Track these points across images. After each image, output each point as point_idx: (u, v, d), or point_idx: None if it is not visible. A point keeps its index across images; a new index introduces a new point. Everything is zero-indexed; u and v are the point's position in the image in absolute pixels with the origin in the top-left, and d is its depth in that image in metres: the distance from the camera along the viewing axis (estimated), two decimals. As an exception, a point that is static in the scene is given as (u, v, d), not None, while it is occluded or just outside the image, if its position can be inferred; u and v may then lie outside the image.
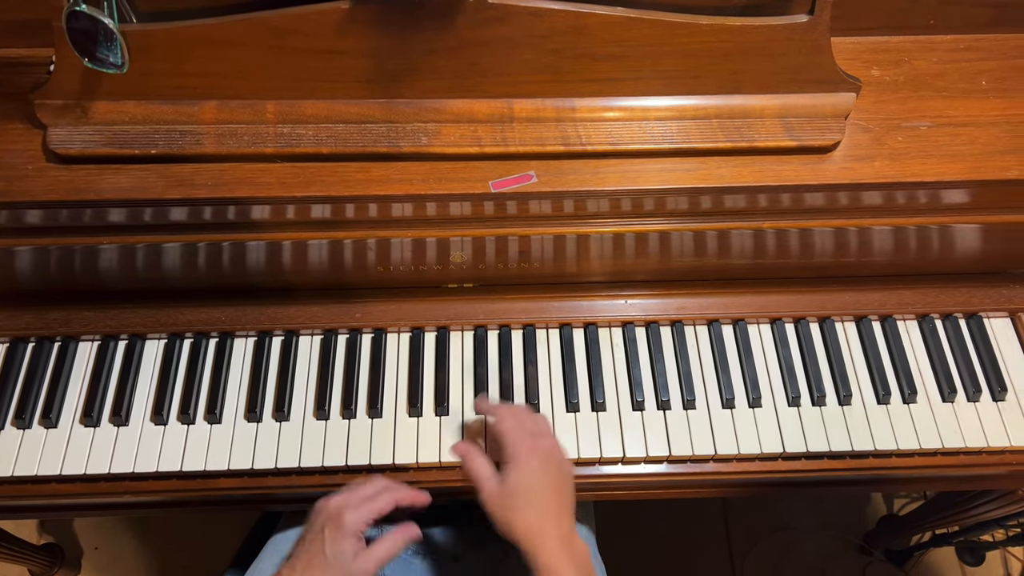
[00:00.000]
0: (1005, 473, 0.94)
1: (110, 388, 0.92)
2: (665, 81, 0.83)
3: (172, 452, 0.88)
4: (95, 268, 0.89)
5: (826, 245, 0.91)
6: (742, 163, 0.83)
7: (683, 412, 0.92)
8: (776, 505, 1.71)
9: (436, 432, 0.90)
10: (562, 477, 0.77)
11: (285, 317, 0.95)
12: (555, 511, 0.74)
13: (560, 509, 0.75)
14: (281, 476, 0.89)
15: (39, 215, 0.82)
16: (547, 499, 0.74)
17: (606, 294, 0.97)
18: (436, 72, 0.80)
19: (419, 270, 0.92)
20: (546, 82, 0.82)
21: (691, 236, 0.89)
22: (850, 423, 0.91)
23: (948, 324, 0.98)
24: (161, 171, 0.81)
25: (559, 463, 0.78)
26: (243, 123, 0.82)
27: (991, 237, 0.91)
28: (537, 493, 0.74)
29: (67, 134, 0.81)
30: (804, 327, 0.97)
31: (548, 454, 0.77)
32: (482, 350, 0.95)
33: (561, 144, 0.82)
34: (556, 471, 0.76)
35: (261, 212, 0.83)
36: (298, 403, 0.92)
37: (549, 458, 0.77)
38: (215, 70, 0.80)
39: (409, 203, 0.83)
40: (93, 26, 0.73)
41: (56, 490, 0.88)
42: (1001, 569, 1.65)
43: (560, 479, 0.76)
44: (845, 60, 0.87)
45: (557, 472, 0.76)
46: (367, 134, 0.82)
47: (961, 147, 0.84)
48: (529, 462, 0.75)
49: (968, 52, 0.91)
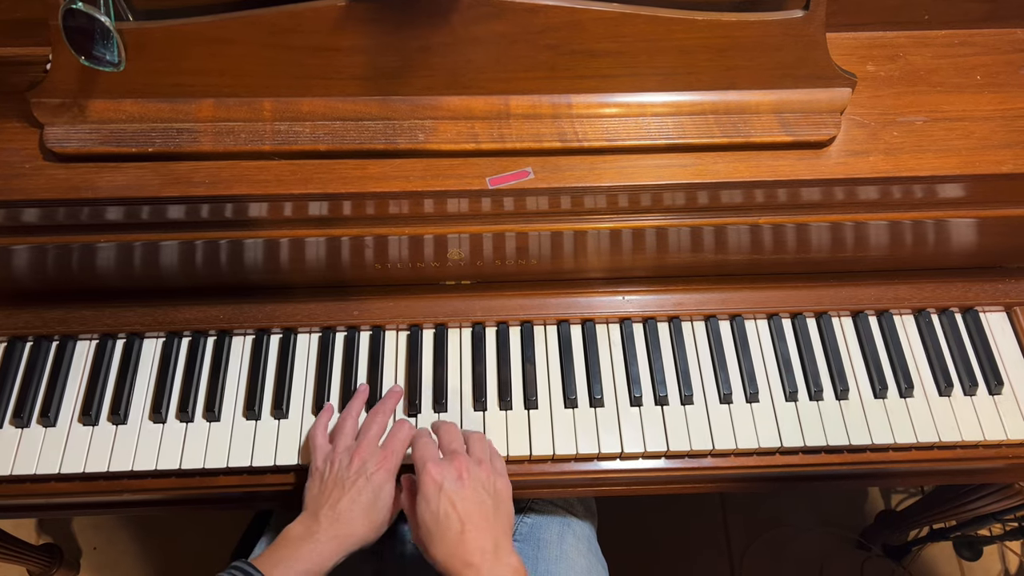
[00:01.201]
0: (1002, 467, 0.94)
1: (108, 386, 0.92)
2: (661, 77, 0.83)
3: (171, 450, 0.88)
4: (93, 267, 0.89)
5: (822, 240, 0.91)
6: (738, 158, 0.83)
7: (681, 407, 0.92)
8: (774, 501, 1.71)
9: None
10: (478, 497, 0.74)
11: (283, 315, 0.95)
12: (474, 536, 0.71)
13: (480, 532, 0.72)
14: (280, 473, 0.89)
15: (36, 214, 0.82)
16: (463, 525, 0.72)
17: (604, 290, 0.97)
18: (432, 69, 0.81)
19: (417, 267, 0.92)
20: (542, 78, 0.82)
21: (688, 232, 0.89)
22: (847, 417, 0.91)
23: (944, 319, 0.98)
24: (158, 169, 0.81)
25: (477, 483, 0.75)
26: (240, 121, 0.82)
27: (987, 231, 0.91)
28: (448, 523, 0.72)
29: (64, 132, 0.81)
30: (801, 322, 0.97)
31: (457, 477, 0.74)
32: (480, 347, 0.95)
33: (558, 140, 0.83)
34: (471, 491, 0.74)
35: (259, 209, 0.83)
36: (297, 400, 0.92)
37: (460, 481, 0.74)
38: (212, 68, 0.80)
39: (406, 200, 0.83)
40: (90, 24, 0.73)
41: (55, 489, 0.88)
42: (999, 563, 1.65)
43: (476, 499, 0.73)
44: (840, 55, 0.87)
45: (473, 493, 0.74)
46: (364, 131, 0.82)
47: (956, 142, 0.84)
48: (430, 493, 0.73)
49: (963, 47, 0.92)
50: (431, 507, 0.73)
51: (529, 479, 0.90)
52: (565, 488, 0.94)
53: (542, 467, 0.90)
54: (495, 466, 0.80)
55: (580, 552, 0.95)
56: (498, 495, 0.77)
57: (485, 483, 0.76)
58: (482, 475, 0.76)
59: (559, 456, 0.89)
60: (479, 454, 0.79)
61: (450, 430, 0.82)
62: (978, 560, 1.63)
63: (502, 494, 0.77)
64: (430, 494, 0.74)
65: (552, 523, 0.97)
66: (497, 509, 0.75)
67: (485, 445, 0.82)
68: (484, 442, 0.82)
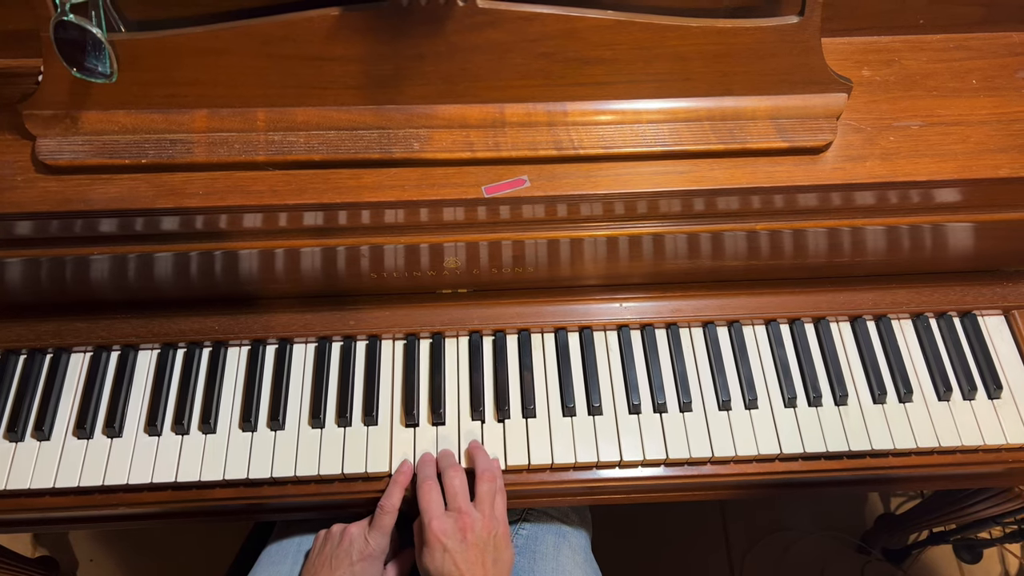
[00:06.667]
0: (1001, 471, 0.94)
1: (103, 399, 0.91)
2: (656, 84, 0.83)
3: (167, 463, 0.88)
4: (86, 279, 0.88)
5: (820, 246, 0.91)
6: (734, 165, 0.83)
7: (680, 415, 0.91)
8: (774, 506, 1.71)
9: (432, 441, 0.90)
10: (480, 557, 0.78)
11: (279, 325, 0.94)
12: None
13: None
14: (277, 486, 0.88)
15: (29, 226, 0.81)
16: None
17: (601, 297, 0.97)
18: (427, 78, 0.80)
19: (413, 276, 0.92)
20: (537, 86, 0.82)
21: (685, 239, 0.89)
22: (847, 423, 0.91)
23: (943, 323, 0.98)
24: (152, 180, 0.81)
25: (480, 540, 0.79)
26: (234, 131, 0.82)
27: (984, 235, 0.91)
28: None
29: (56, 145, 0.80)
30: (799, 328, 0.97)
31: (462, 539, 0.79)
32: (477, 356, 0.94)
33: (553, 148, 0.82)
34: (475, 552, 0.78)
35: (253, 220, 0.82)
36: (293, 412, 0.91)
37: (464, 543, 0.78)
38: (205, 78, 0.79)
39: (402, 209, 0.82)
40: (81, 36, 0.72)
41: (50, 503, 0.88)
42: (998, 566, 1.65)
43: (479, 559, 0.78)
44: (836, 61, 0.87)
45: (476, 553, 0.78)
46: (359, 140, 0.82)
47: (953, 146, 0.84)
48: (435, 551, 0.78)
49: (958, 51, 0.92)
50: (435, 563, 0.78)
51: (528, 488, 0.90)
52: (564, 497, 0.94)
53: (541, 476, 0.90)
54: (496, 513, 0.83)
55: (576, 563, 0.95)
56: (498, 548, 0.81)
57: (487, 540, 0.80)
58: (484, 533, 0.80)
59: (558, 465, 0.89)
60: (485, 504, 0.82)
61: (456, 480, 0.84)
62: (978, 563, 1.63)
63: (501, 545, 0.81)
64: (435, 552, 0.78)
65: (548, 534, 0.96)
66: (497, 562, 0.80)
67: (492, 487, 0.84)
68: (492, 483, 0.84)
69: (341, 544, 0.84)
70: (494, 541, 0.81)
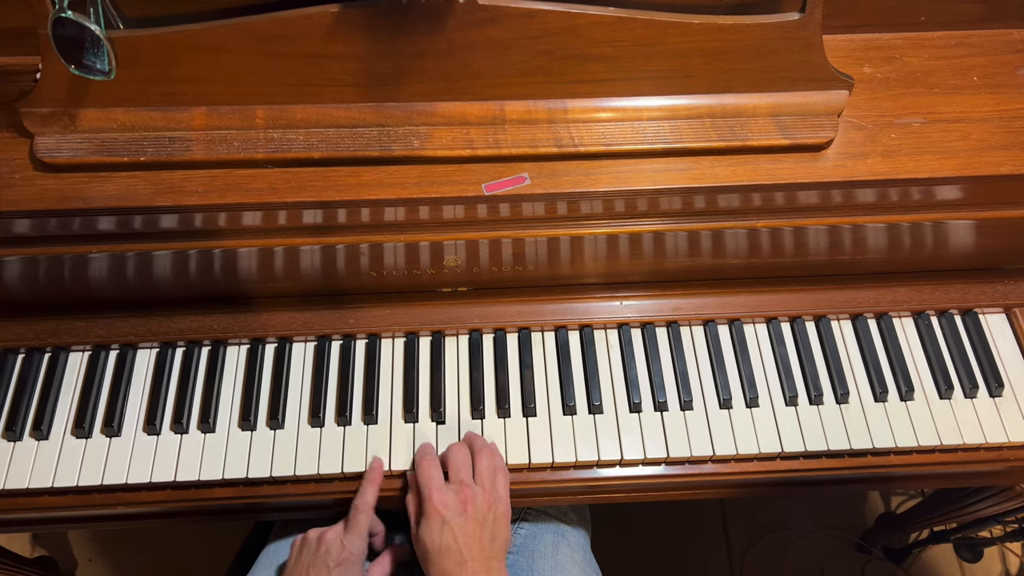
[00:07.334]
0: (1003, 469, 0.94)
1: (102, 398, 0.91)
2: (657, 81, 0.82)
3: (166, 462, 0.87)
4: (85, 277, 0.88)
5: (821, 243, 0.91)
6: (735, 162, 0.83)
7: (680, 413, 0.91)
8: (774, 505, 1.70)
9: (433, 439, 0.89)
10: (479, 531, 0.78)
11: (278, 324, 0.94)
12: (472, 568, 0.75)
13: (477, 564, 0.76)
14: (276, 485, 0.88)
15: (27, 225, 0.81)
16: (462, 556, 0.76)
17: (601, 296, 0.97)
18: (426, 75, 0.80)
19: (413, 274, 0.91)
20: (538, 83, 0.82)
21: (685, 236, 0.88)
22: (848, 422, 0.91)
23: (944, 321, 0.98)
24: (150, 178, 0.80)
25: (480, 514, 0.79)
26: (233, 129, 0.81)
27: (985, 233, 0.91)
28: (449, 549, 0.76)
29: (55, 142, 0.80)
30: (800, 326, 0.96)
31: (462, 512, 0.78)
32: (477, 354, 0.94)
33: (554, 145, 0.82)
34: (473, 526, 0.78)
35: (252, 218, 0.82)
36: (292, 410, 0.91)
37: (464, 516, 0.78)
38: (203, 76, 0.79)
39: (401, 207, 0.82)
40: (79, 33, 0.72)
41: (48, 503, 0.87)
42: (999, 565, 1.65)
43: (477, 534, 0.77)
44: (837, 58, 0.86)
45: (475, 527, 0.78)
46: (358, 138, 0.82)
47: (954, 143, 0.84)
48: (433, 523, 0.77)
49: (959, 48, 0.91)
50: (433, 536, 0.77)
51: (528, 487, 0.89)
52: (564, 496, 0.93)
53: (541, 475, 0.89)
54: (497, 489, 0.82)
55: (575, 562, 0.94)
56: (497, 523, 0.80)
57: (487, 514, 0.79)
58: (484, 507, 0.79)
59: (558, 464, 0.89)
60: (485, 479, 0.81)
61: (459, 455, 0.83)
62: (979, 562, 1.62)
63: (501, 521, 0.81)
64: (433, 524, 0.78)
65: (546, 533, 0.96)
66: (495, 539, 0.79)
67: (492, 463, 0.84)
68: (492, 459, 0.84)
69: (318, 551, 0.81)
70: (493, 517, 0.80)
